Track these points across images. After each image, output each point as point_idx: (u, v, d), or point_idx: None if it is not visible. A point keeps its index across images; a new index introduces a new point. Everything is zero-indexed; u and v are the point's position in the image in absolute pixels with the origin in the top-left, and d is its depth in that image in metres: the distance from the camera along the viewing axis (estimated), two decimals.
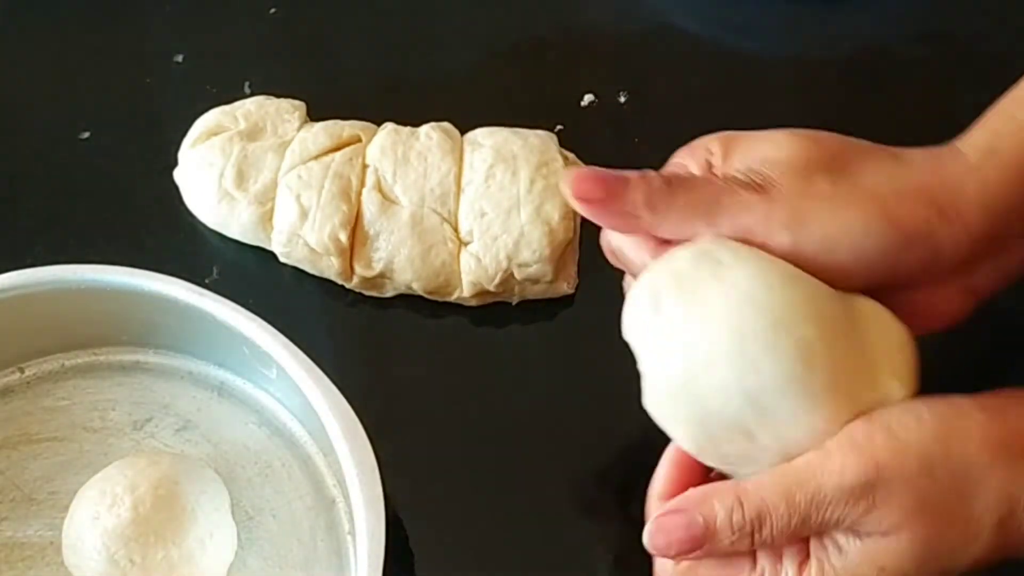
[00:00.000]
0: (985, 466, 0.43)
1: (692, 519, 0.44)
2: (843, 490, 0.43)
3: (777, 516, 0.43)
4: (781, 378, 0.42)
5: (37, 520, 0.55)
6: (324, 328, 0.63)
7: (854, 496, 0.43)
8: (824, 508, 0.43)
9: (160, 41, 0.73)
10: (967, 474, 0.43)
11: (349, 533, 0.54)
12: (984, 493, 0.43)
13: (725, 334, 0.43)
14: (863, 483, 0.42)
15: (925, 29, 0.72)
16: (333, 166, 0.62)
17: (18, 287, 0.56)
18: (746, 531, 0.44)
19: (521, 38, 0.72)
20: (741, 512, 0.44)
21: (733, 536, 0.44)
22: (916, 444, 0.43)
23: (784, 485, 0.43)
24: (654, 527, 0.45)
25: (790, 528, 0.43)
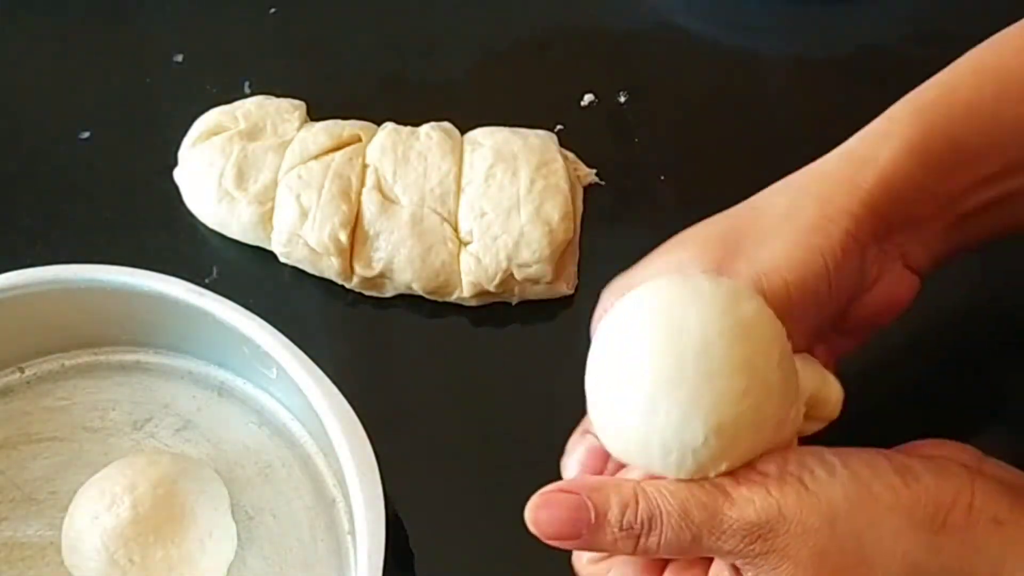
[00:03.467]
0: (892, 531, 0.42)
1: (581, 502, 0.42)
2: (741, 525, 0.41)
3: (668, 527, 0.42)
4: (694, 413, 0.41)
5: (37, 520, 0.55)
6: (324, 328, 0.63)
7: (751, 535, 0.41)
8: (718, 535, 0.42)
9: (160, 41, 0.73)
10: (872, 537, 0.42)
11: (349, 533, 0.54)
12: (888, 559, 0.42)
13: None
14: (762, 524, 0.41)
15: (925, 29, 0.72)
16: (333, 166, 0.62)
17: (18, 287, 0.56)
18: (633, 532, 0.42)
19: (521, 38, 0.72)
20: (635, 511, 0.42)
21: (619, 533, 0.42)
22: (824, 498, 0.42)
23: (684, 500, 0.42)
24: (540, 500, 0.43)
25: (678, 543, 0.42)
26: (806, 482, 0.42)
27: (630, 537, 0.42)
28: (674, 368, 0.41)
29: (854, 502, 0.42)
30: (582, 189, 0.64)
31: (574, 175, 0.64)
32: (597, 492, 0.43)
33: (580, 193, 0.64)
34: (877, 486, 0.42)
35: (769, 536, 0.42)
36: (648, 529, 0.42)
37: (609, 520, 0.42)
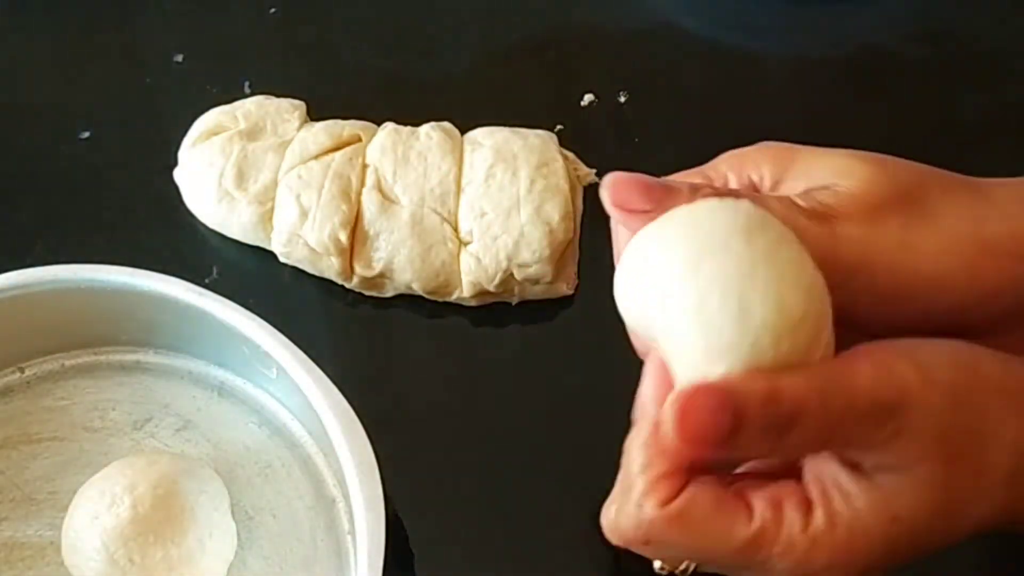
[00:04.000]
0: (1001, 413, 0.40)
1: (723, 403, 0.38)
2: (875, 405, 0.39)
3: (812, 418, 0.39)
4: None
5: (37, 520, 0.55)
6: (324, 328, 0.63)
7: (883, 416, 0.39)
8: (856, 420, 0.39)
9: (160, 41, 0.73)
10: (985, 418, 0.40)
11: (349, 533, 0.54)
12: (998, 442, 0.40)
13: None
14: (891, 405, 0.39)
15: (925, 29, 0.72)
16: (333, 166, 0.62)
17: (18, 287, 0.56)
18: (776, 430, 0.39)
19: (521, 38, 0.72)
20: (776, 406, 0.38)
21: (762, 432, 0.39)
22: (942, 379, 0.40)
23: (820, 387, 0.39)
24: (681, 406, 0.39)
25: (820, 436, 0.39)
26: (923, 364, 0.40)
27: (772, 436, 0.39)
28: (741, 262, 0.39)
29: (969, 383, 0.40)
30: (582, 189, 0.64)
31: (574, 175, 0.64)
32: (735, 392, 0.39)
33: (580, 193, 0.64)
34: (984, 367, 0.40)
35: (898, 417, 0.39)
36: (792, 424, 0.39)
37: (751, 419, 0.39)
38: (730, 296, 0.39)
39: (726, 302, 0.39)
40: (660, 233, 0.42)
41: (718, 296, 0.39)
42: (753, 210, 0.41)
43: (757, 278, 0.39)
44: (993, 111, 0.69)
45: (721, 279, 0.39)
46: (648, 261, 0.42)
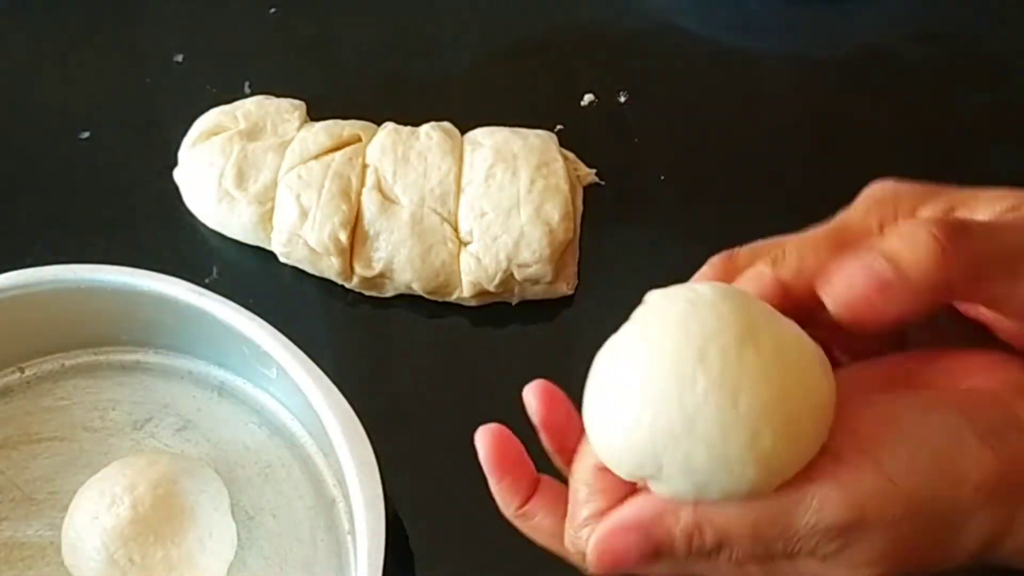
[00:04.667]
0: (976, 508, 0.39)
1: (643, 542, 0.40)
2: (817, 530, 0.39)
3: (740, 546, 0.40)
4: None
5: (37, 520, 0.55)
6: (324, 328, 0.63)
7: (828, 536, 0.39)
8: (793, 543, 0.39)
9: (160, 41, 0.73)
10: (954, 517, 0.39)
11: (349, 533, 0.54)
12: (966, 533, 0.40)
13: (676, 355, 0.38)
14: (841, 525, 0.39)
15: (925, 29, 0.72)
16: (333, 166, 0.62)
17: (18, 287, 0.56)
18: (703, 556, 0.40)
19: (521, 38, 0.72)
20: (701, 539, 0.40)
21: (689, 559, 0.40)
22: (904, 487, 0.39)
23: (753, 518, 0.39)
24: (600, 546, 0.40)
25: (752, 556, 0.40)
26: (884, 465, 0.39)
27: (701, 559, 0.40)
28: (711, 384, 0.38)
29: (942, 485, 0.39)
30: (582, 189, 0.65)
31: (574, 175, 0.64)
32: (656, 525, 0.40)
33: (580, 193, 0.64)
34: (966, 463, 0.39)
35: (847, 534, 0.39)
36: (719, 551, 0.40)
37: (677, 549, 0.40)
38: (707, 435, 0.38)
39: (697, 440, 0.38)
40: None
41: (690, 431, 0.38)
42: (744, 305, 0.39)
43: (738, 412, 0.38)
44: (993, 111, 0.69)
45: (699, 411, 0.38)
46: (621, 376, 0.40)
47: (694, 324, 0.39)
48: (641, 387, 0.39)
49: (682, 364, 0.38)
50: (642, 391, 0.39)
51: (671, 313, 0.39)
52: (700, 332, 0.38)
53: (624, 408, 0.39)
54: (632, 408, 0.39)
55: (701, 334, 0.38)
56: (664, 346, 0.39)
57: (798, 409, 0.38)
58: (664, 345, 0.39)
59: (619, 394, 0.40)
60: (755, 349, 0.38)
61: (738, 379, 0.38)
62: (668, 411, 0.38)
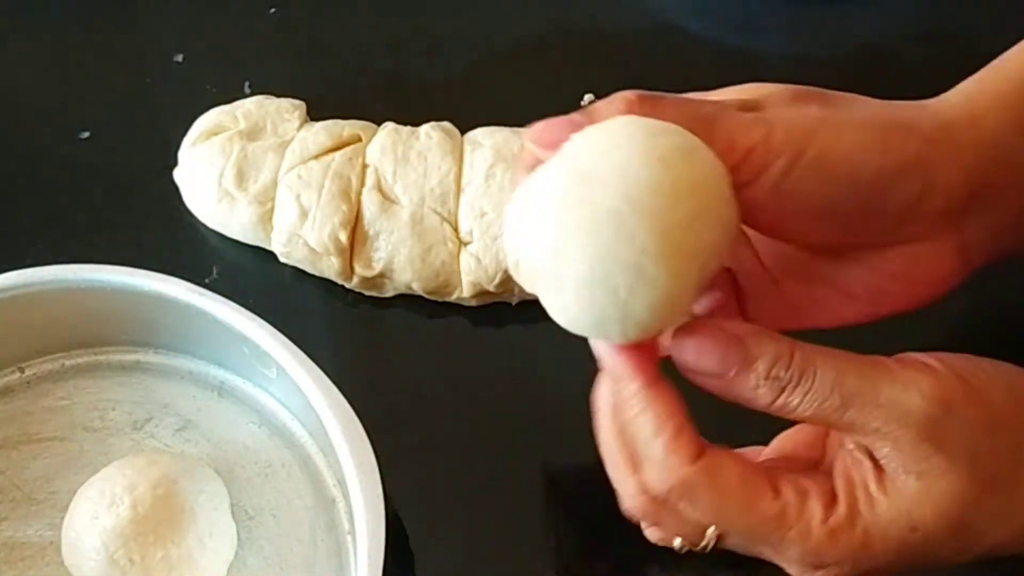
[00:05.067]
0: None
1: (737, 339, 0.40)
2: (900, 405, 0.39)
3: (819, 387, 0.39)
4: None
5: (37, 520, 0.55)
6: (324, 328, 0.63)
7: (908, 418, 0.39)
8: (871, 410, 0.39)
9: (160, 41, 0.73)
10: (1022, 447, 0.40)
11: (349, 533, 0.54)
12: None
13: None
14: (924, 412, 0.39)
15: (925, 29, 0.72)
16: (333, 166, 0.62)
17: (18, 287, 0.56)
18: (779, 383, 0.40)
19: (521, 38, 0.72)
20: (788, 363, 0.40)
21: (764, 382, 0.40)
22: (988, 400, 0.40)
23: (842, 365, 0.40)
24: (692, 327, 0.41)
25: (823, 408, 0.40)
26: (972, 381, 0.40)
27: (774, 389, 0.40)
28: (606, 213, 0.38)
29: (1016, 410, 0.40)
30: None
31: None
32: (754, 336, 0.40)
33: None
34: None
35: (929, 426, 0.39)
36: (797, 384, 0.40)
37: (757, 367, 0.40)
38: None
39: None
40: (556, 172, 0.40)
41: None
42: (645, 127, 0.40)
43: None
44: None
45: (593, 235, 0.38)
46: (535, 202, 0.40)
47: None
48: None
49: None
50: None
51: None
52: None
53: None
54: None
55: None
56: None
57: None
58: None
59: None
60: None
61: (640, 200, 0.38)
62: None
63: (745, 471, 0.41)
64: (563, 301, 0.40)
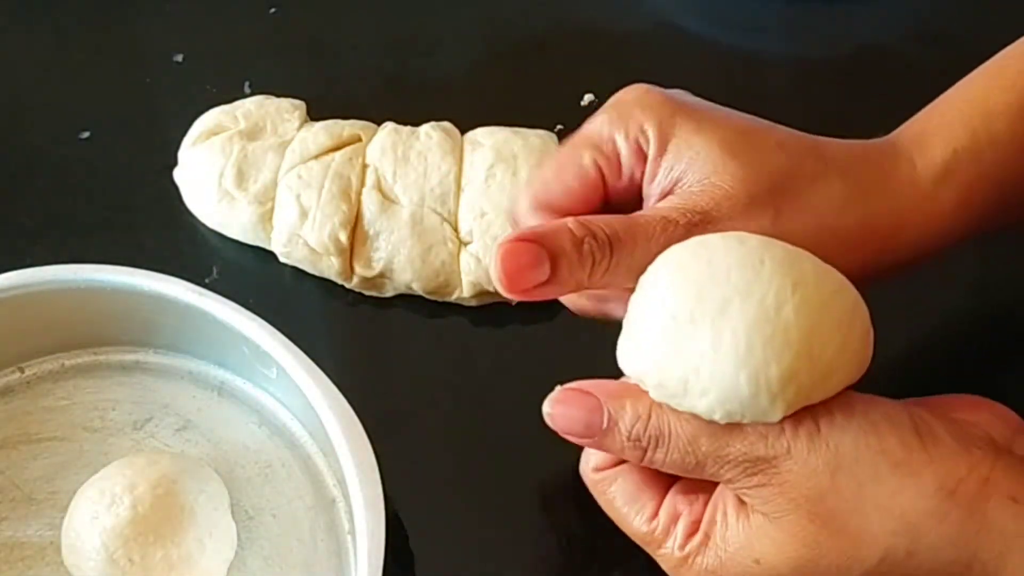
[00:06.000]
0: (894, 488, 0.41)
1: (597, 405, 0.44)
2: (745, 459, 0.42)
3: (675, 449, 0.43)
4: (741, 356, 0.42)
5: (37, 520, 0.55)
6: (324, 328, 0.63)
7: (753, 468, 0.42)
8: (720, 465, 0.43)
9: (160, 41, 0.73)
10: (872, 490, 0.41)
11: (349, 533, 0.54)
12: (884, 516, 0.41)
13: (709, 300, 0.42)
14: (766, 459, 0.42)
15: (925, 29, 0.72)
16: (333, 166, 0.62)
17: (18, 287, 0.56)
18: (640, 445, 0.44)
19: (521, 38, 0.72)
20: (644, 426, 0.43)
21: (627, 443, 0.44)
22: (833, 443, 0.42)
23: (696, 428, 0.43)
24: (560, 396, 0.45)
25: (683, 465, 0.44)
26: (821, 425, 0.42)
27: (637, 448, 0.44)
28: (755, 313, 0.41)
29: (862, 452, 0.42)
30: None
31: None
32: (614, 400, 0.44)
33: None
34: (892, 440, 0.42)
35: (769, 471, 0.42)
36: (656, 446, 0.44)
37: (620, 428, 0.44)
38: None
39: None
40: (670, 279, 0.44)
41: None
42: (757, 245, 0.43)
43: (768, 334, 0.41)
44: None
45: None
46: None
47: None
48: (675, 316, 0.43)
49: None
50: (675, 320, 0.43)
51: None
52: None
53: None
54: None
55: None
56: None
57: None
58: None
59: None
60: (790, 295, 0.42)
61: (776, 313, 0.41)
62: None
63: (635, 488, 0.46)
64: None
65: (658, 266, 0.44)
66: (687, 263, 0.43)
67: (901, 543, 0.41)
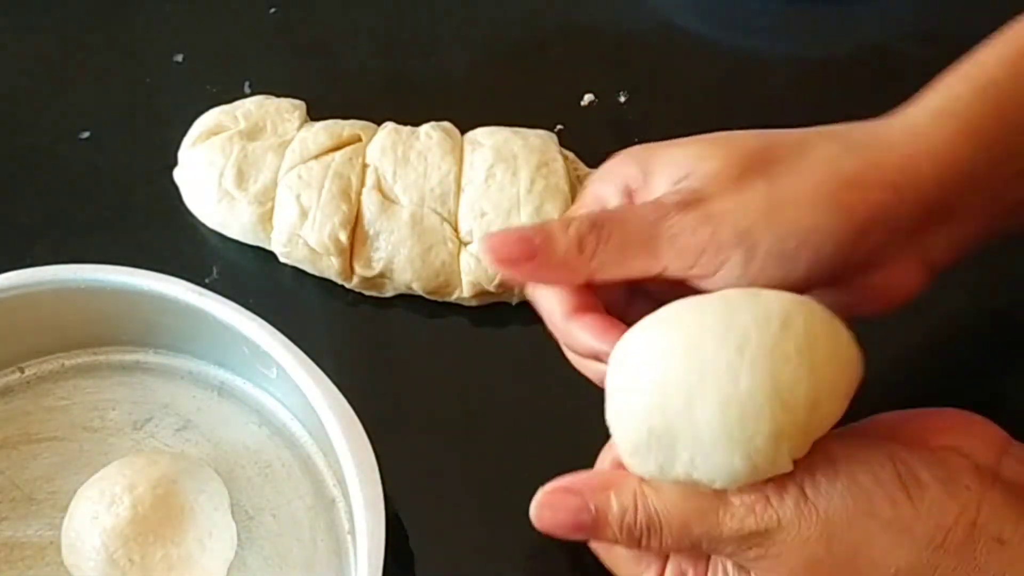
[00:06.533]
0: (887, 546, 0.42)
1: (583, 505, 0.44)
2: (738, 536, 0.42)
3: (667, 535, 0.43)
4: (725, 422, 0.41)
5: (37, 520, 0.55)
6: (324, 328, 0.63)
7: (747, 543, 0.42)
8: (715, 543, 0.43)
9: (160, 41, 0.73)
10: (865, 552, 0.42)
11: (349, 533, 0.54)
12: (880, 572, 0.42)
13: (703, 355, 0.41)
14: (759, 532, 0.42)
15: (925, 29, 0.72)
16: (333, 166, 0.62)
17: (18, 287, 0.56)
18: (634, 536, 0.43)
19: (521, 38, 0.72)
20: (634, 517, 0.43)
21: (620, 535, 0.43)
22: (823, 509, 0.42)
23: (684, 511, 0.43)
24: (544, 500, 0.44)
25: (678, 547, 0.44)
26: (807, 491, 0.42)
27: (632, 537, 0.43)
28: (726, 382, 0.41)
29: (852, 515, 0.42)
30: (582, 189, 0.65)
31: (574, 175, 0.64)
32: (599, 494, 0.44)
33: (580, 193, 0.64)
34: (878, 498, 0.42)
35: (765, 543, 0.42)
36: (648, 535, 0.43)
37: (610, 522, 0.43)
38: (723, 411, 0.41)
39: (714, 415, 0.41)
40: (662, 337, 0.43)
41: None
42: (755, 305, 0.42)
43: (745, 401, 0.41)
44: None
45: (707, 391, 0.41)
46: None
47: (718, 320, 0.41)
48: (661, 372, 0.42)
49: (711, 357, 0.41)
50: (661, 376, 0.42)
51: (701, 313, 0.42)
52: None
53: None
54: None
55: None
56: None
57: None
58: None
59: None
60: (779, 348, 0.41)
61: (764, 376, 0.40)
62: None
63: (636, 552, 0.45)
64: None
65: (626, 348, 0.43)
66: (641, 346, 0.43)
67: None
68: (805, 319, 0.41)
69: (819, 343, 0.41)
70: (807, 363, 0.41)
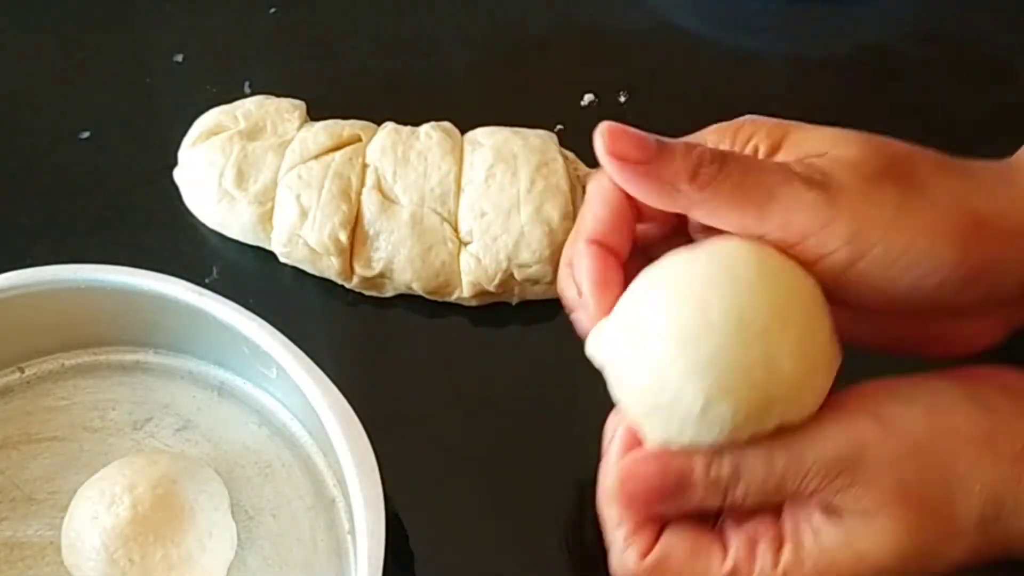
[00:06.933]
0: (971, 461, 0.42)
1: (667, 467, 0.43)
2: (824, 461, 0.41)
3: (754, 476, 0.42)
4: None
5: (37, 520, 0.55)
6: (324, 328, 0.63)
7: (835, 469, 0.41)
8: (802, 476, 0.41)
9: (160, 41, 0.73)
10: (952, 467, 0.42)
11: (349, 533, 0.54)
12: (968, 490, 0.42)
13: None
14: (845, 458, 0.41)
15: (925, 29, 0.72)
16: (333, 166, 0.62)
17: (18, 287, 0.56)
18: (720, 486, 0.42)
19: (521, 38, 0.72)
20: (719, 466, 0.42)
21: (707, 489, 0.42)
22: (903, 429, 0.42)
23: (765, 448, 0.42)
24: (625, 473, 0.43)
25: (765, 490, 0.42)
26: (884, 416, 0.42)
27: (718, 492, 0.42)
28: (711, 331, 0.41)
29: (935, 433, 0.42)
30: (582, 189, 0.64)
31: (574, 175, 0.64)
32: (679, 455, 0.43)
33: (580, 193, 0.64)
34: (957, 417, 0.42)
35: (851, 469, 0.41)
36: (735, 481, 0.42)
37: (696, 479, 0.42)
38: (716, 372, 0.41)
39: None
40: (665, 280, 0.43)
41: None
42: (754, 256, 0.42)
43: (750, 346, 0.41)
44: (993, 111, 0.69)
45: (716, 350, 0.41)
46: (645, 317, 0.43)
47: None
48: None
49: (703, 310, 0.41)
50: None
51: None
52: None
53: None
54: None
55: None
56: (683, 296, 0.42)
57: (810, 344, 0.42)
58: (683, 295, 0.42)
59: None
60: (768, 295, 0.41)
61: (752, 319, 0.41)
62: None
63: (695, 544, 0.43)
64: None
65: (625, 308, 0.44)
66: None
67: (990, 512, 0.42)
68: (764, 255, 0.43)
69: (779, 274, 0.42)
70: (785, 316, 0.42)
